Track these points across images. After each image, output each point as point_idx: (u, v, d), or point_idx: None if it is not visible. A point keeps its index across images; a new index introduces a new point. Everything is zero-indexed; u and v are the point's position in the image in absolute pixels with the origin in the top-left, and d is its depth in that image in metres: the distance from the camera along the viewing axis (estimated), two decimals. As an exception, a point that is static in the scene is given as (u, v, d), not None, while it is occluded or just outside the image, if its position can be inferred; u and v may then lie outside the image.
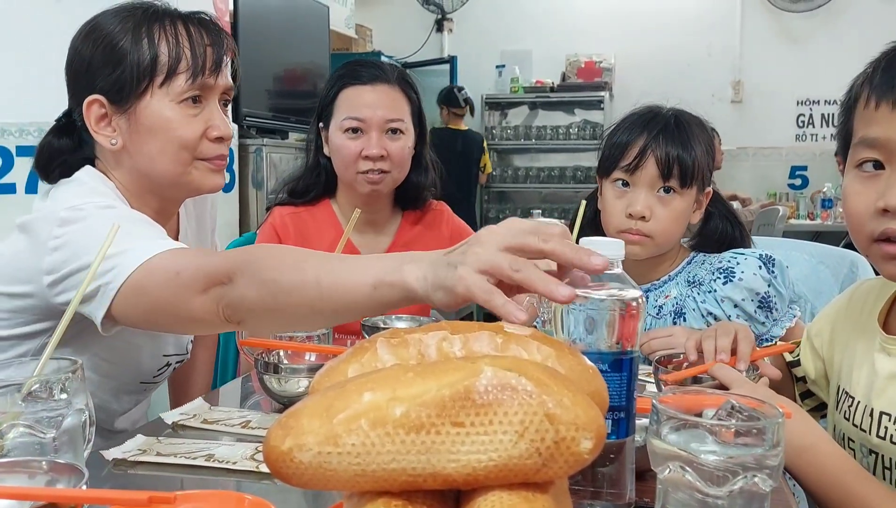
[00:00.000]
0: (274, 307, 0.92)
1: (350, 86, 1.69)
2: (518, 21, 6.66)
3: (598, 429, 0.59)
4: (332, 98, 1.71)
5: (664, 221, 1.43)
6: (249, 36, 3.68)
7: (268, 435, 0.58)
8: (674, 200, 1.43)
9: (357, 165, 1.67)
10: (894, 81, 0.90)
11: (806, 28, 6.20)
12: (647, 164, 1.42)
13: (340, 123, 1.67)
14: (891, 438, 0.96)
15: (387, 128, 1.67)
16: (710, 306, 1.44)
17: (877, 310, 1.05)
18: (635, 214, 1.42)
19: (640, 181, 1.43)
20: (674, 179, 1.42)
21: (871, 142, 0.92)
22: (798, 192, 6.15)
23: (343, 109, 1.68)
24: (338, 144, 1.69)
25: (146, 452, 0.97)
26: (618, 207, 1.45)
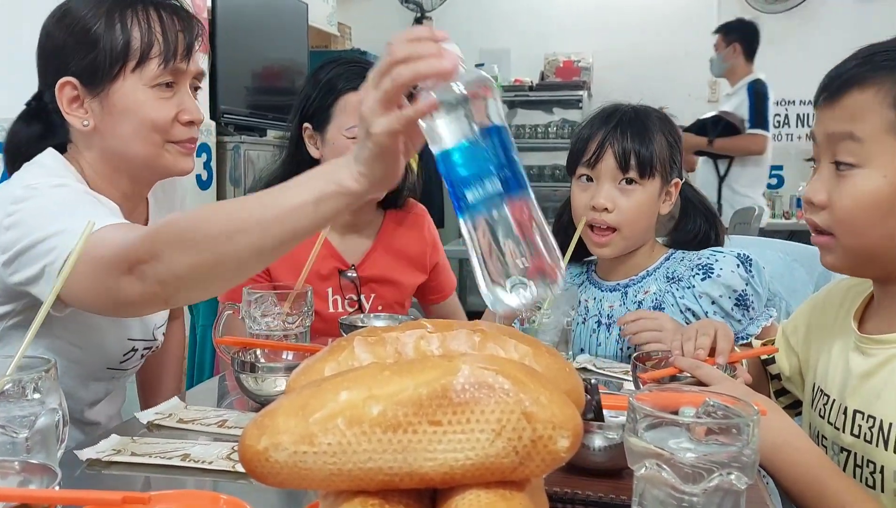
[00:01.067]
0: (214, 265, 0.92)
1: (350, 91, 1.63)
2: (497, 20, 6.66)
3: (575, 427, 0.59)
4: (331, 103, 1.66)
5: (627, 211, 1.47)
6: (227, 33, 3.66)
7: (243, 434, 0.58)
8: (635, 191, 1.47)
9: None
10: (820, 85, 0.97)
11: (781, 29, 6.25)
12: (605, 157, 1.47)
13: (346, 130, 1.62)
14: (864, 437, 0.97)
15: None
16: (689, 302, 1.46)
17: (853, 309, 1.07)
18: (598, 206, 1.46)
19: (602, 175, 1.48)
20: (633, 171, 1.46)
21: (812, 136, 1.00)
22: (774, 191, 6.20)
23: (347, 116, 1.63)
24: (342, 150, 1.60)
25: (121, 452, 0.96)
26: (583, 200, 1.49)
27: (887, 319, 1.00)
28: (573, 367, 0.74)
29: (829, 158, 0.95)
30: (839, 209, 0.94)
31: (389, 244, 1.78)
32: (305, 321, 1.31)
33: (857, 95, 0.92)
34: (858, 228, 0.93)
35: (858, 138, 0.91)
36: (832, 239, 0.96)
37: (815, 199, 0.96)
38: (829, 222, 0.96)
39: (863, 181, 0.92)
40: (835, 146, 0.94)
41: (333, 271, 1.70)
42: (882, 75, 0.91)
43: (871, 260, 0.96)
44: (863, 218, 0.93)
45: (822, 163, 0.97)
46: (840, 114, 0.93)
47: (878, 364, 0.98)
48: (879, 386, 0.96)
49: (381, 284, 1.75)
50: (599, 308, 1.55)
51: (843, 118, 0.93)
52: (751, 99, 4.36)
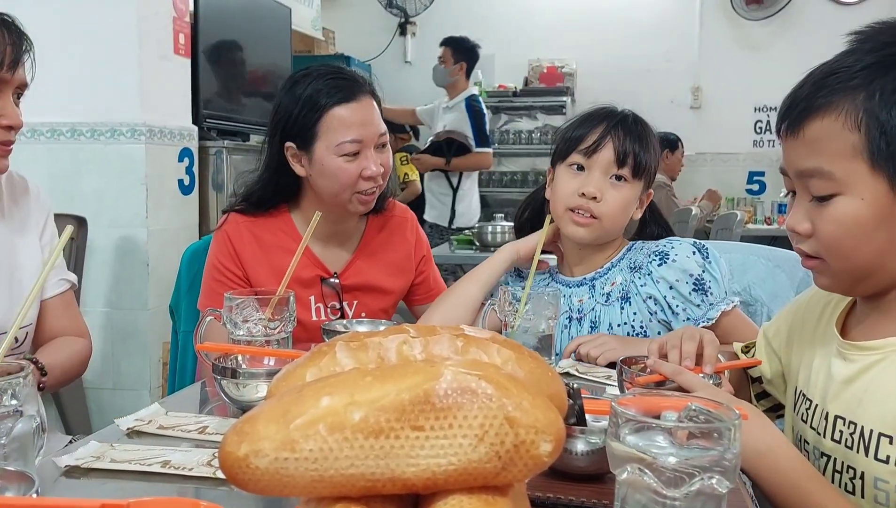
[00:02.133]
0: None
1: (335, 106, 1.58)
2: (481, 26, 6.67)
3: (558, 432, 0.59)
4: (315, 121, 1.58)
5: (613, 204, 1.50)
6: (210, 37, 3.64)
7: (223, 441, 0.58)
8: (624, 187, 1.51)
9: (356, 186, 1.60)
10: (779, 115, 0.98)
11: (763, 35, 6.31)
12: (604, 148, 1.50)
13: (336, 147, 1.57)
14: (845, 442, 0.98)
15: (378, 143, 1.61)
16: (650, 289, 1.51)
17: (835, 315, 1.07)
18: (588, 193, 1.49)
19: (596, 165, 1.51)
20: (626, 168, 1.50)
21: (782, 170, 1.01)
22: (756, 197, 6.25)
23: (335, 133, 1.57)
24: (333, 169, 1.58)
25: (100, 459, 0.95)
26: (571, 186, 1.52)
27: (869, 325, 1.01)
28: (556, 372, 0.74)
29: (804, 191, 0.96)
30: (824, 236, 0.95)
31: (372, 251, 1.76)
32: (287, 327, 1.30)
33: (817, 124, 0.92)
34: (846, 251, 0.94)
35: (828, 173, 0.92)
36: (822, 263, 0.97)
37: (799, 229, 0.97)
38: (816, 248, 0.97)
39: (843, 208, 0.92)
40: (807, 181, 0.95)
41: (315, 279, 1.69)
42: (838, 99, 0.90)
43: (863, 279, 0.97)
44: (849, 242, 0.93)
45: (798, 192, 0.98)
46: (805, 149, 0.94)
47: (860, 370, 0.98)
48: (860, 393, 0.97)
49: (365, 292, 1.74)
50: (569, 304, 1.58)
51: (809, 153, 0.93)
52: (471, 118, 4.82)
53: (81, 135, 3.08)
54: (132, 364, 3.10)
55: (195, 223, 3.42)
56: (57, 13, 3.03)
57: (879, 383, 0.95)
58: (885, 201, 0.90)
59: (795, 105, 0.95)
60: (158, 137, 3.14)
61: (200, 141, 3.45)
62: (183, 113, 3.36)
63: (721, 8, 6.36)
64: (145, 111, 3.08)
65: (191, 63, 3.41)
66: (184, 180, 3.33)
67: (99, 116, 3.07)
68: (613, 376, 1.34)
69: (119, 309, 3.10)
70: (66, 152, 3.07)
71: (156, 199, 3.12)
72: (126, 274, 3.09)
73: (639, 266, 1.54)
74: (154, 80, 3.13)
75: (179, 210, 3.30)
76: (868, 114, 0.89)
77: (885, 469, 0.91)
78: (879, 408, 0.93)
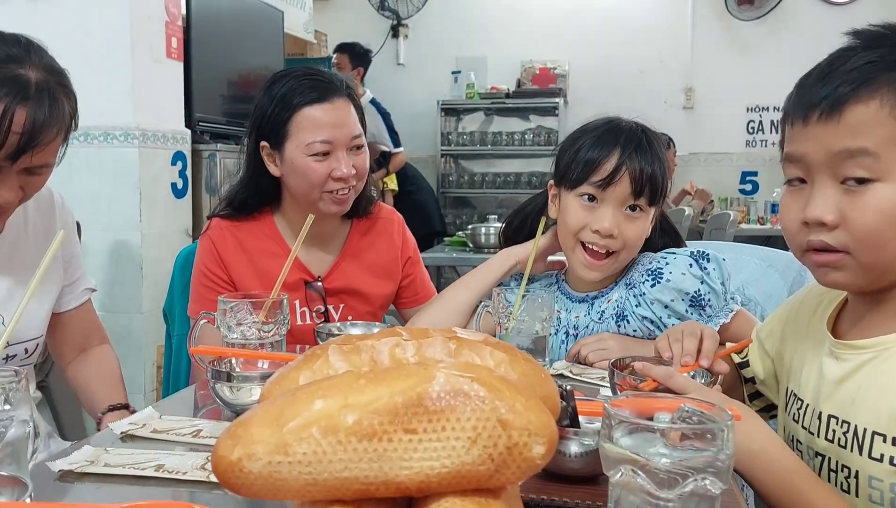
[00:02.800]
0: None
1: (307, 106, 1.59)
2: (473, 28, 6.68)
3: (551, 434, 0.59)
4: (286, 120, 1.60)
5: (630, 238, 1.43)
6: (203, 40, 3.64)
7: (216, 445, 0.58)
8: (640, 218, 1.44)
9: (325, 186, 1.60)
10: (802, 101, 0.94)
11: (754, 36, 6.33)
12: (621, 181, 1.41)
13: (306, 146, 1.58)
14: (838, 442, 0.98)
15: (351, 145, 1.61)
16: (643, 311, 1.46)
17: (826, 315, 1.07)
18: (604, 232, 1.41)
19: (611, 198, 1.42)
20: (643, 198, 1.42)
21: (791, 158, 0.96)
22: (749, 197, 6.27)
23: (305, 133, 1.58)
24: (302, 168, 1.59)
25: (94, 463, 0.95)
26: (582, 218, 1.43)
27: (861, 324, 1.01)
28: (549, 374, 0.74)
29: (833, 176, 0.92)
30: (860, 226, 0.90)
31: (356, 254, 1.75)
32: (281, 330, 1.30)
33: (861, 109, 0.89)
34: (882, 242, 0.91)
35: (873, 153, 0.89)
36: (844, 257, 0.93)
37: (827, 218, 0.91)
38: (844, 239, 0.92)
39: (882, 195, 0.89)
40: (842, 163, 0.90)
41: (299, 282, 1.68)
42: (880, 86, 0.89)
43: (883, 274, 0.94)
44: (887, 232, 0.90)
45: (821, 181, 0.93)
46: (846, 131, 0.89)
47: (852, 370, 0.98)
48: (853, 391, 0.97)
49: (349, 295, 1.73)
50: (568, 319, 1.54)
51: (852, 134, 0.89)
52: (383, 119, 5.27)
53: (75, 139, 3.04)
54: (126, 368, 3.05)
55: (189, 227, 3.42)
56: (49, 17, 3.03)
57: (872, 381, 0.95)
58: None
59: (831, 89, 0.91)
60: (152, 140, 3.14)
61: (193, 144, 3.45)
62: (176, 116, 3.36)
63: (713, 9, 6.38)
64: (138, 115, 3.07)
65: (183, 66, 3.41)
66: (177, 184, 3.32)
67: (92, 119, 3.06)
68: (608, 377, 1.34)
69: (113, 313, 3.10)
70: (59, 156, 3.06)
71: (149, 202, 3.12)
72: (120, 278, 3.09)
73: (633, 285, 1.48)
74: (147, 83, 3.13)
75: (173, 214, 3.30)
76: None
77: (880, 468, 0.92)
78: (873, 407, 0.94)
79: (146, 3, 3.14)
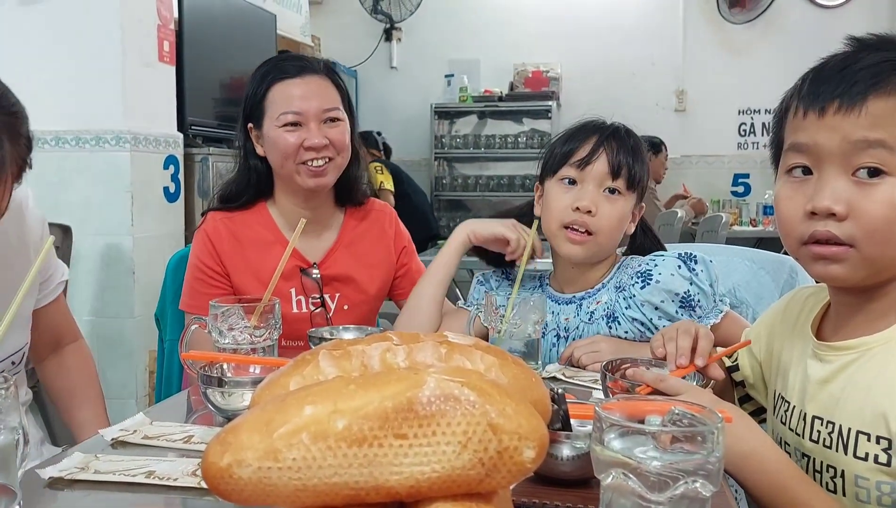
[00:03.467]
0: None
1: (279, 81, 1.65)
2: (466, 31, 6.69)
3: (541, 438, 0.59)
4: (262, 96, 1.67)
5: (608, 218, 1.45)
6: (195, 44, 3.63)
7: (206, 451, 0.57)
8: (619, 200, 1.47)
9: (298, 155, 1.63)
10: (819, 92, 0.93)
11: (746, 39, 6.35)
12: (597, 161, 1.45)
13: (276, 119, 1.63)
14: (823, 442, 0.98)
15: (324, 117, 1.65)
16: (633, 313, 1.47)
17: (811, 317, 1.08)
18: (582, 207, 1.44)
19: (589, 177, 1.46)
20: (621, 180, 1.45)
21: (799, 147, 0.95)
22: (741, 199, 6.28)
23: (277, 105, 1.64)
24: (275, 138, 1.64)
25: (84, 470, 0.94)
26: (564, 201, 1.47)
27: (844, 327, 1.01)
28: (540, 377, 0.74)
29: (845, 167, 0.91)
30: (871, 218, 0.90)
31: (351, 242, 1.77)
32: (273, 334, 1.30)
33: (882, 102, 0.89)
34: (889, 237, 0.90)
35: (890, 146, 0.89)
36: (848, 250, 0.92)
37: (837, 208, 0.91)
38: (852, 231, 0.91)
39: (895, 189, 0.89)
40: (858, 153, 0.90)
41: (295, 270, 1.69)
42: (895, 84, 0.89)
43: (881, 271, 0.94)
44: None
45: (831, 171, 0.92)
46: (867, 122, 0.89)
47: (836, 371, 0.99)
48: (837, 392, 0.98)
49: (345, 283, 1.74)
50: (557, 321, 1.54)
51: (873, 125, 0.89)
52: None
53: (66, 143, 3.07)
54: (118, 373, 3.09)
55: (181, 231, 3.41)
56: (41, 21, 3.02)
57: (855, 381, 0.96)
58: None
59: (853, 80, 0.91)
60: (143, 144, 3.13)
61: (186, 148, 3.44)
62: (168, 120, 3.35)
63: (704, 12, 6.40)
64: (130, 119, 3.07)
65: (176, 70, 3.40)
66: (169, 188, 3.32)
67: (83, 123, 3.05)
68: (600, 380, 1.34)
69: (105, 317, 3.09)
70: (51, 161, 3.06)
71: (141, 206, 3.11)
72: (111, 282, 3.08)
73: (623, 287, 1.50)
74: (139, 87, 3.13)
75: (165, 218, 3.29)
76: None
77: (865, 467, 0.92)
78: (857, 406, 0.94)
79: (138, 7, 3.13)
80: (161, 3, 3.27)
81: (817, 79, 0.95)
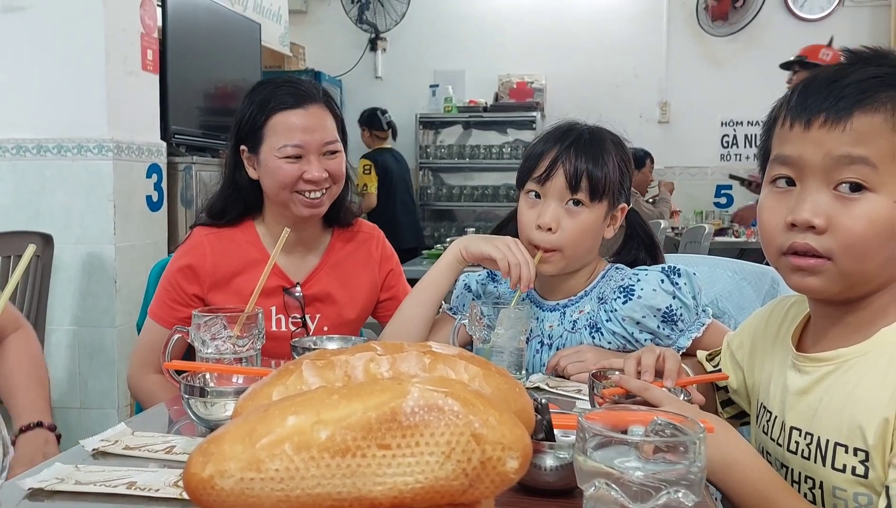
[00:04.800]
0: None
1: (280, 111, 1.63)
2: (451, 41, 6.71)
3: (524, 448, 0.59)
4: (262, 124, 1.64)
5: (570, 232, 1.45)
6: (179, 53, 3.63)
7: (188, 462, 0.57)
8: (581, 212, 1.45)
9: (296, 186, 1.62)
10: (806, 105, 0.94)
11: (728, 51, 6.41)
12: (556, 175, 1.44)
13: (277, 149, 1.61)
14: (802, 453, 0.99)
15: (325, 151, 1.64)
16: (614, 326, 1.46)
17: (792, 328, 1.09)
18: (543, 225, 1.44)
19: (550, 193, 1.45)
20: (582, 192, 1.44)
21: (784, 159, 0.96)
22: (723, 210, 6.32)
23: (277, 136, 1.62)
24: (274, 169, 1.62)
25: (64, 481, 0.93)
26: (530, 217, 1.48)
27: (822, 338, 1.02)
28: (523, 387, 0.74)
29: (827, 181, 0.92)
30: (848, 233, 0.91)
31: (336, 263, 1.76)
32: (256, 344, 1.29)
33: (867, 119, 0.90)
34: (866, 252, 0.91)
35: (872, 163, 0.90)
36: (825, 262, 0.93)
37: (817, 221, 0.92)
38: (830, 244, 0.92)
39: (875, 206, 0.90)
40: (841, 169, 0.91)
41: (278, 289, 1.68)
42: (884, 98, 0.90)
43: (857, 285, 0.95)
44: (873, 242, 0.91)
45: (813, 184, 0.93)
46: (850, 138, 0.90)
47: (814, 382, 1.00)
48: (815, 403, 0.98)
49: (327, 303, 1.73)
50: (541, 328, 1.54)
51: (856, 142, 0.90)
52: None
53: (48, 151, 3.05)
54: (99, 383, 3.06)
55: (164, 240, 3.39)
56: (23, 28, 3.00)
57: (833, 393, 0.96)
58: None
59: (840, 95, 0.92)
60: (126, 152, 3.11)
61: (169, 157, 3.43)
62: (151, 129, 3.33)
63: (687, 24, 6.46)
64: (113, 127, 3.05)
65: (160, 79, 3.39)
66: (152, 197, 3.30)
67: (66, 131, 3.03)
68: (584, 390, 1.34)
69: (86, 327, 3.06)
70: (33, 168, 3.04)
71: (123, 215, 3.09)
72: (93, 291, 3.05)
73: (605, 300, 1.49)
74: (122, 95, 3.11)
75: (148, 227, 3.27)
76: None
77: (843, 478, 0.93)
78: (834, 418, 0.95)
79: (121, 16, 3.12)
80: (145, 11, 3.26)
81: (806, 91, 0.96)
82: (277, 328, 1.68)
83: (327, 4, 6.83)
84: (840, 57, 1.01)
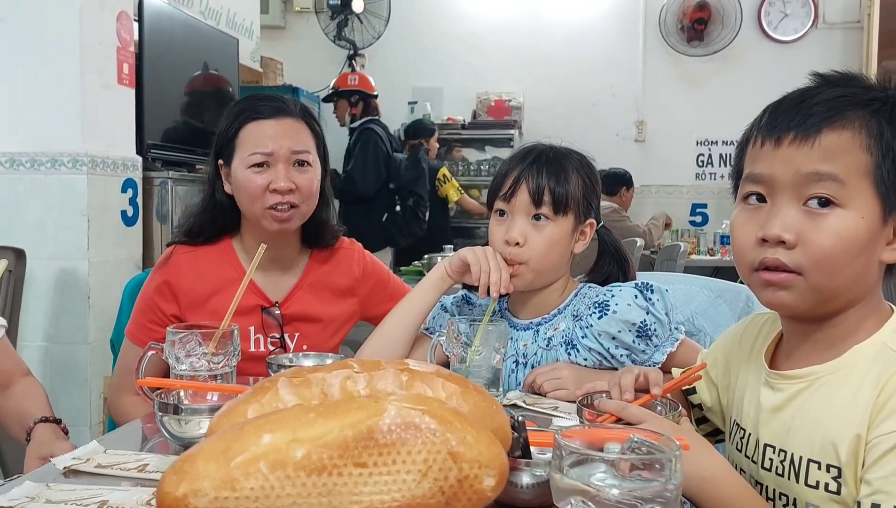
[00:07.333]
0: None
1: (252, 121, 1.63)
2: (429, 58, 6.74)
3: (501, 466, 0.59)
4: (234, 135, 1.64)
5: (537, 246, 1.48)
6: (156, 67, 3.61)
7: (161, 481, 0.57)
8: (547, 226, 1.49)
9: (264, 199, 1.60)
10: (776, 123, 0.97)
11: (704, 72, 6.49)
12: (520, 191, 1.49)
13: (246, 158, 1.61)
14: (776, 470, 1.00)
15: (294, 160, 1.62)
16: (590, 342, 1.48)
17: (766, 345, 1.10)
18: (510, 240, 1.48)
19: (516, 209, 1.50)
20: (546, 207, 1.48)
21: (755, 177, 0.98)
22: (699, 228, 6.38)
23: (247, 145, 1.62)
24: (242, 180, 1.62)
25: (35, 500, 0.92)
26: (498, 233, 1.51)
27: (795, 355, 1.03)
28: (500, 405, 0.74)
29: (797, 197, 0.94)
30: (817, 248, 0.92)
31: (314, 283, 1.74)
32: (231, 361, 1.28)
33: (835, 136, 0.92)
34: (836, 267, 0.93)
35: (841, 180, 0.91)
36: (796, 277, 0.94)
37: (786, 236, 0.93)
38: (800, 260, 0.93)
39: (843, 221, 0.92)
40: (810, 185, 0.93)
41: (256, 308, 1.67)
42: (855, 117, 0.93)
43: (827, 300, 0.96)
44: (842, 258, 0.92)
45: (783, 201, 0.95)
46: (819, 155, 0.92)
47: (787, 399, 1.01)
48: (788, 421, 0.99)
49: (306, 322, 1.71)
50: (516, 347, 1.55)
51: (824, 158, 0.92)
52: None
53: (21, 165, 3.02)
54: (72, 400, 3.02)
55: (139, 255, 3.36)
56: (-2, 41, 2.98)
57: (806, 410, 0.98)
58: (876, 226, 0.93)
59: (808, 113, 0.94)
60: (101, 167, 3.09)
61: (145, 172, 3.40)
62: (127, 143, 3.31)
63: (663, 45, 6.53)
64: (87, 141, 3.03)
65: (135, 93, 3.37)
66: (127, 212, 3.27)
67: (39, 145, 3.01)
68: (561, 406, 1.35)
69: (58, 343, 3.02)
70: (5, 182, 3.00)
71: (98, 230, 3.06)
72: (66, 307, 3.02)
73: (580, 316, 1.51)
74: (97, 109, 3.09)
75: (122, 242, 3.24)
76: (883, 140, 0.92)
77: (816, 495, 0.94)
78: (807, 435, 0.96)
79: (97, 29, 3.10)
80: (121, 25, 3.25)
81: (776, 111, 0.98)
82: (256, 347, 1.66)
83: (305, 20, 6.83)
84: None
